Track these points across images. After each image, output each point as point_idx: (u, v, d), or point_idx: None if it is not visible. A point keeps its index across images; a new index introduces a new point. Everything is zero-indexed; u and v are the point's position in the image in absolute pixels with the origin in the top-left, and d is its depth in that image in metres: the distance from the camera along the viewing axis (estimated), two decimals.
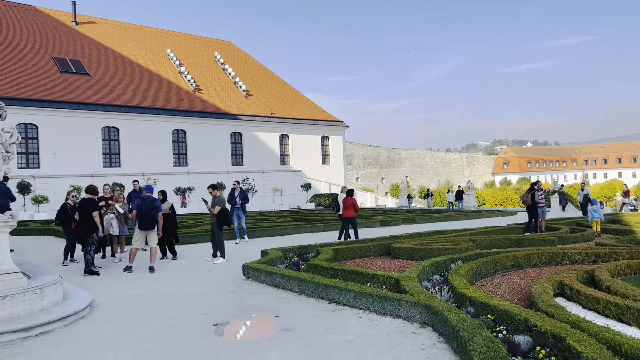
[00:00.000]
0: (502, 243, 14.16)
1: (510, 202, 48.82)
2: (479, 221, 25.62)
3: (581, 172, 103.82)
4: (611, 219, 21.49)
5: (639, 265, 10.25)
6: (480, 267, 10.25)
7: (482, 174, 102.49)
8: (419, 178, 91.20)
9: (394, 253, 13.24)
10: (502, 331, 6.17)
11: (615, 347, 4.93)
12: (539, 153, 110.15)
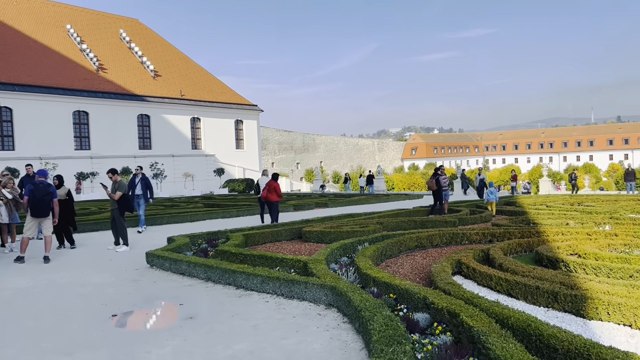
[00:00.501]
0: (407, 225, 14.70)
1: (418, 186, 50.96)
2: (387, 204, 26.46)
3: (482, 158, 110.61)
4: (507, 201, 23.03)
5: (529, 244, 11.04)
6: (386, 248, 10.56)
7: (392, 160, 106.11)
8: (333, 163, 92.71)
9: (305, 237, 13.31)
10: (403, 309, 6.38)
11: (503, 321, 5.24)
12: (444, 140, 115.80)
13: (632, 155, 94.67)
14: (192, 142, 52.38)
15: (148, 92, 49.18)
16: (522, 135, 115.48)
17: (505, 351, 4.27)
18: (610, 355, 4.22)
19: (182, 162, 48.86)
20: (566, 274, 7.68)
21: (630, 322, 5.87)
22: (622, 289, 6.52)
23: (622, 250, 9.99)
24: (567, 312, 6.48)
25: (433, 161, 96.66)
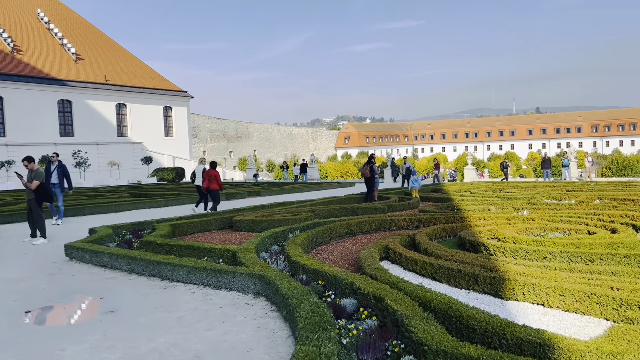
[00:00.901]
0: (338, 212, 14.84)
1: (350, 174, 51.65)
2: (320, 192, 26.64)
3: (412, 147, 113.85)
4: (433, 189, 23.81)
5: (453, 229, 11.44)
6: (317, 235, 10.59)
7: (325, 148, 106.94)
8: (266, 152, 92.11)
9: (235, 226, 13.12)
10: (331, 295, 6.41)
11: (426, 303, 5.38)
12: (376, 129, 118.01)
13: (549, 145, 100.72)
14: (117, 130, 50.20)
15: (69, 76, 46.50)
16: (449, 125, 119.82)
17: (426, 333, 4.38)
18: (523, 333, 4.42)
19: (107, 150, 46.73)
20: (486, 257, 8.02)
21: (543, 301, 6.21)
22: (536, 270, 6.89)
23: (537, 233, 10.59)
24: (487, 293, 6.76)
25: (365, 150, 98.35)
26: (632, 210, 12.75)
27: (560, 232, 10.61)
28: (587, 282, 6.23)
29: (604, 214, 12.04)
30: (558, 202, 15.56)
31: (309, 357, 3.82)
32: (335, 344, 4.22)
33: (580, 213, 12.49)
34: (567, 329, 5.42)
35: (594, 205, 14.32)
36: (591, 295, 5.74)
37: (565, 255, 7.93)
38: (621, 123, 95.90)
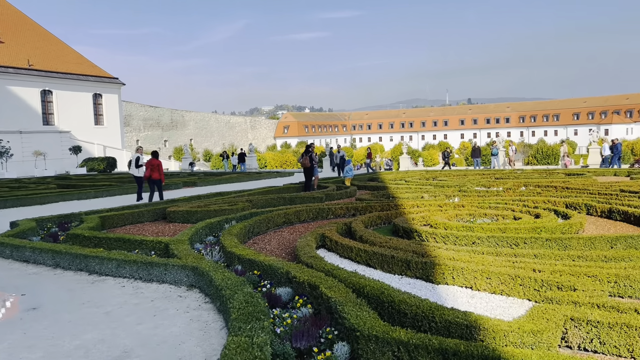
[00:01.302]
0: (276, 202, 14.77)
1: (290, 163, 51.58)
2: (259, 182, 26.42)
3: (350, 137, 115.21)
4: (370, 177, 24.20)
5: (388, 216, 11.67)
6: (254, 225, 10.50)
7: (264, 138, 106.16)
8: (203, 141, 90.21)
9: (169, 217, 12.76)
10: (266, 285, 6.37)
11: (360, 290, 5.46)
12: (315, 119, 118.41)
13: (480, 134, 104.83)
14: (43, 118, 47.51)
15: None
16: (385, 115, 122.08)
17: (359, 319, 4.43)
18: (452, 315, 4.57)
19: (32, 140, 44.12)
20: (418, 243, 8.24)
21: (471, 285, 6.45)
22: (465, 255, 7.15)
23: (467, 219, 10.99)
24: (419, 278, 6.95)
25: (305, 139, 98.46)
26: (554, 196, 13.49)
27: (488, 217, 11.07)
28: (511, 265, 6.53)
29: (529, 200, 12.67)
30: (487, 189, 16.23)
31: (241, 347, 3.77)
32: (268, 333, 4.19)
33: (507, 199, 13.07)
34: (493, 310, 5.66)
35: (520, 192, 15.03)
36: (515, 278, 6.03)
37: (493, 240, 8.28)
38: (546, 114, 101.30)
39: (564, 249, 7.76)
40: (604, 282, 5.84)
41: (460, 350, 3.83)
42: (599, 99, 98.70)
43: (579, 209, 11.79)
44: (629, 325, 4.38)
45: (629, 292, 5.86)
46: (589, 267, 6.24)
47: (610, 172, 22.86)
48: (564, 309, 4.76)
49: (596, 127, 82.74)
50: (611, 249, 7.65)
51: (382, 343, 4.13)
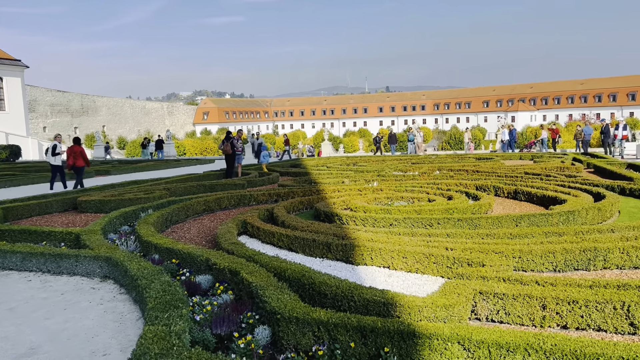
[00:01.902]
0: (196, 189, 14.43)
1: (210, 151, 50.47)
2: (177, 170, 25.66)
3: (272, 123, 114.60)
4: (293, 164, 24.27)
5: (309, 201, 11.78)
6: (172, 213, 10.19)
7: (183, 124, 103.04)
8: (117, 128, 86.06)
9: (81, 207, 12.09)
10: (186, 273, 6.22)
11: (281, 274, 5.47)
12: (236, 105, 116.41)
13: (398, 121, 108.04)
14: None
15: None
16: (307, 102, 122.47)
17: (280, 302, 4.45)
18: (370, 294, 4.71)
19: None
20: (339, 227, 8.39)
21: (388, 264, 6.67)
22: (383, 236, 7.37)
23: (385, 202, 11.33)
24: (339, 260, 7.08)
25: (225, 126, 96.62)
26: (465, 179, 14.22)
27: (405, 200, 11.47)
28: (426, 245, 6.82)
29: (442, 183, 13.26)
30: (404, 174, 16.80)
31: (158, 336, 3.66)
32: (187, 321, 4.10)
33: (422, 183, 13.61)
34: (409, 287, 5.89)
35: (434, 176, 15.70)
36: (429, 256, 6.30)
37: (409, 221, 8.59)
38: (458, 102, 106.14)
39: (474, 228, 8.22)
40: (510, 257, 6.25)
41: (377, 327, 3.96)
42: (507, 88, 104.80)
43: (488, 190, 12.50)
44: (531, 296, 4.72)
45: (531, 266, 6.31)
46: (496, 244, 6.65)
47: (516, 156, 24.42)
48: (473, 284, 5.04)
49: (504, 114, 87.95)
50: (516, 227, 8.19)
51: (303, 324, 4.17)
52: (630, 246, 6.29)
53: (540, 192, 11.02)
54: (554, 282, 5.08)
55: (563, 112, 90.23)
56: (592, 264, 6.30)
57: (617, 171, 14.48)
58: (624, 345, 3.55)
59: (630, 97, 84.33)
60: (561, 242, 6.63)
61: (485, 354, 3.71)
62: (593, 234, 7.15)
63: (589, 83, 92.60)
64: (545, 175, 14.13)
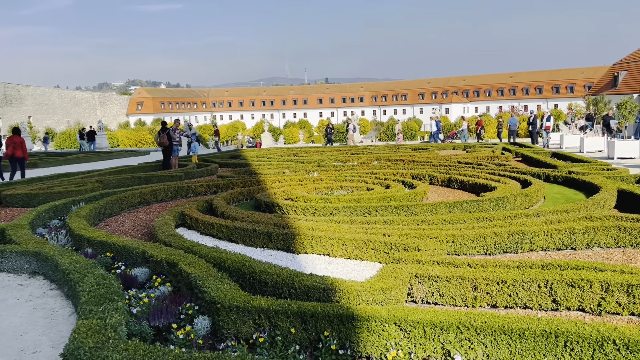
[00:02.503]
0: (131, 181, 13.98)
1: (145, 142, 48.88)
2: (110, 162, 24.73)
3: (210, 114, 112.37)
4: (232, 155, 23.99)
5: (250, 192, 11.70)
6: (105, 206, 9.84)
7: (116, 115, 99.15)
8: (45, 119, 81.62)
9: (5, 201, 11.45)
10: (121, 267, 6.05)
11: (221, 264, 5.43)
12: (172, 95, 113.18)
13: (337, 113, 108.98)
14: None
15: None
16: (246, 92, 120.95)
17: (219, 292, 4.42)
18: (310, 280, 4.76)
19: None
20: (280, 216, 8.40)
21: (328, 252, 6.77)
22: (323, 225, 7.46)
23: (325, 192, 11.44)
24: (280, 249, 7.11)
25: (161, 117, 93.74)
26: (402, 169, 14.58)
27: (344, 190, 11.63)
28: (365, 232, 6.96)
29: (380, 173, 13.55)
30: (343, 164, 17.01)
31: (92, 330, 3.55)
32: (123, 314, 3.99)
33: (361, 173, 13.85)
34: (349, 273, 6.01)
35: (372, 166, 15.99)
36: (368, 243, 6.44)
37: (348, 210, 8.73)
38: (395, 94, 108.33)
39: (410, 214, 8.47)
40: (444, 242, 6.50)
41: (317, 312, 4.02)
42: (441, 80, 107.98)
43: (424, 179, 12.90)
44: (463, 278, 4.94)
45: (464, 249, 6.60)
46: (431, 230, 6.90)
47: (449, 146, 25.28)
48: (409, 268, 5.21)
49: (438, 106, 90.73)
50: (450, 213, 8.52)
51: (243, 312, 4.17)
52: (554, 229, 6.70)
53: (472, 180, 11.49)
54: (484, 264, 5.34)
55: (494, 103, 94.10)
56: (520, 246, 6.66)
57: (542, 160, 15.31)
58: (546, 320, 3.79)
59: (554, 90, 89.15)
60: (491, 227, 6.96)
61: (420, 334, 3.86)
62: (520, 219, 7.55)
63: (517, 76, 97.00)
64: (477, 164, 14.75)
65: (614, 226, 6.74)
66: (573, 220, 7.18)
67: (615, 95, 37.27)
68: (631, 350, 3.46)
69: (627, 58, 49.21)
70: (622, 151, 17.52)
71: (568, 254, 6.59)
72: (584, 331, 3.58)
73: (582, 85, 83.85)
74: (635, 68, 45.74)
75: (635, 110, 20.87)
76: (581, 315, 4.74)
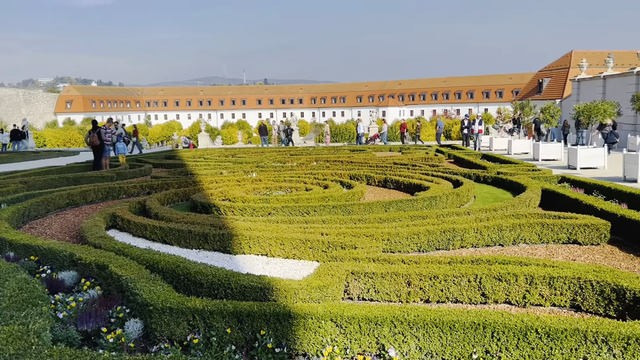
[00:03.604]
0: (58, 182, 13.30)
1: (75, 142, 46.71)
2: (36, 162, 23.41)
3: (144, 113, 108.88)
4: (167, 155, 23.39)
5: (185, 193, 11.44)
6: (29, 208, 9.31)
7: (43, 113, 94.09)
8: None
9: None
10: (47, 270, 5.75)
11: (154, 266, 5.27)
12: (103, 93, 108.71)
13: (276, 114, 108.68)
14: None
15: None
16: (182, 92, 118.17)
17: (152, 294, 4.29)
18: (247, 280, 4.72)
19: None
20: (217, 217, 8.27)
21: (266, 252, 6.73)
22: (261, 225, 7.42)
23: (264, 192, 11.38)
24: (217, 250, 7.00)
25: (92, 116, 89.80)
26: (340, 169, 14.75)
27: (283, 190, 11.62)
28: (303, 231, 6.98)
29: (319, 174, 13.64)
30: (283, 165, 16.99)
31: (14, 336, 3.34)
32: (48, 319, 3.79)
33: (300, 173, 13.88)
34: (287, 273, 6.01)
35: (311, 167, 16.08)
36: (306, 242, 6.47)
37: (287, 210, 8.73)
38: (334, 96, 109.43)
39: (348, 214, 8.58)
40: (379, 239, 6.63)
41: (254, 311, 3.99)
42: (378, 84, 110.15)
43: (361, 179, 13.11)
44: (397, 274, 5.06)
45: (398, 247, 6.76)
46: (367, 228, 7.02)
47: (386, 148, 25.84)
48: (346, 265, 5.28)
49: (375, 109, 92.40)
50: (385, 212, 8.70)
51: (177, 314, 4.07)
52: (483, 226, 6.99)
53: (407, 180, 11.80)
54: (417, 261, 5.50)
55: (428, 107, 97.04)
56: (451, 243, 6.91)
57: (473, 161, 15.96)
58: (475, 312, 3.95)
59: (485, 94, 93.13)
60: (424, 225, 7.18)
61: (356, 329, 3.92)
62: (452, 217, 7.83)
63: (450, 81, 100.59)
64: (412, 165, 15.16)
65: (537, 223, 7.13)
66: (501, 217, 7.53)
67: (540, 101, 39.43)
68: (552, 338, 3.67)
69: (550, 66, 52.27)
70: (546, 153, 18.56)
71: (496, 250, 6.90)
72: (509, 322, 3.77)
73: (510, 90, 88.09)
74: (558, 75, 48.66)
75: (557, 114, 22.17)
76: (508, 308, 4.97)
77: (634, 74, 25.47)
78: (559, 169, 15.54)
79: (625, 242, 7.10)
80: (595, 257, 6.51)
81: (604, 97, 27.23)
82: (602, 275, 4.74)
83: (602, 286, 4.65)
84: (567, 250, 6.82)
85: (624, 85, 26.44)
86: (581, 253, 6.69)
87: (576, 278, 4.77)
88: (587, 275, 4.76)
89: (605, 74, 29.31)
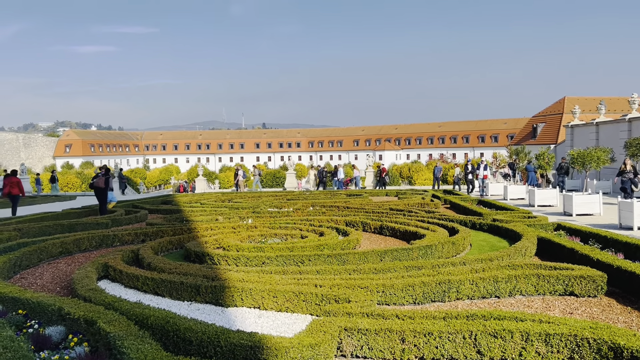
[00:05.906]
0: (53, 229, 13.21)
1: (73, 186, 46.78)
2: (32, 207, 23.36)
3: (143, 157, 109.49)
4: (164, 200, 23.33)
5: (180, 240, 11.36)
6: (21, 258, 9.22)
7: (41, 157, 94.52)
8: None
9: None
10: (34, 325, 5.62)
11: (143, 321, 5.17)
12: (103, 137, 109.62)
13: (274, 157, 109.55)
14: None
15: None
16: (181, 136, 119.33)
17: (139, 353, 4.19)
18: (237, 338, 4.62)
19: None
20: (210, 267, 8.18)
21: (259, 305, 6.62)
22: (254, 276, 7.33)
23: (259, 240, 11.31)
24: (209, 302, 6.88)
25: (91, 160, 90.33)
26: (336, 215, 14.73)
27: (278, 237, 11.55)
28: (296, 283, 6.89)
29: (315, 220, 13.60)
30: (279, 210, 16.94)
31: None
32: None
33: (296, 219, 13.83)
34: (279, 327, 5.89)
35: (307, 212, 16.04)
36: (299, 294, 6.38)
37: (281, 259, 8.65)
38: (331, 140, 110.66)
39: (342, 263, 8.50)
40: (374, 292, 6.54)
41: None
42: (374, 128, 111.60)
43: (357, 226, 13.06)
44: (391, 330, 4.97)
45: (393, 299, 6.67)
46: (362, 280, 6.94)
47: (382, 192, 25.88)
48: (339, 321, 5.18)
49: (372, 153, 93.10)
50: (380, 261, 8.63)
51: None
52: (479, 278, 6.93)
53: (403, 228, 11.76)
54: (412, 315, 5.41)
55: (424, 151, 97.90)
56: (447, 295, 6.82)
57: (469, 207, 15.96)
58: None
59: (480, 139, 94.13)
60: (420, 276, 7.10)
61: None
62: (448, 267, 7.76)
63: (446, 126, 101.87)
64: (408, 211, 15.14)
65: (534, 274, 7.07)
66: (497, 268, 7.47)
67: (534, 146, 39.87)
68: None
69: (544, 111, 53.13)
70: (542, 199, 18.60)
71: (492, 302, 6.81)
72: None
73: (505, 135, 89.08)
74: (552, 121, 49.39)
75: (551, 161, 22.37)
76: None
77: (626, 121, 25.87)
78: (555, 215, 15.54)
79: (622, 294, 7.03)
80: (593, 310, 6.42)
81: (597, 143, 27.57)
82: (599, 332, 4.66)
83: (599, 344, 4.57)
84: (564, 303, 6.73)
85: (616, 131, 26.82)
86: (578, 306, 6.60)
87: (573, 335, 4.69)
88: (583, 332, 4.68)
89: (597, 120, 29.77)
